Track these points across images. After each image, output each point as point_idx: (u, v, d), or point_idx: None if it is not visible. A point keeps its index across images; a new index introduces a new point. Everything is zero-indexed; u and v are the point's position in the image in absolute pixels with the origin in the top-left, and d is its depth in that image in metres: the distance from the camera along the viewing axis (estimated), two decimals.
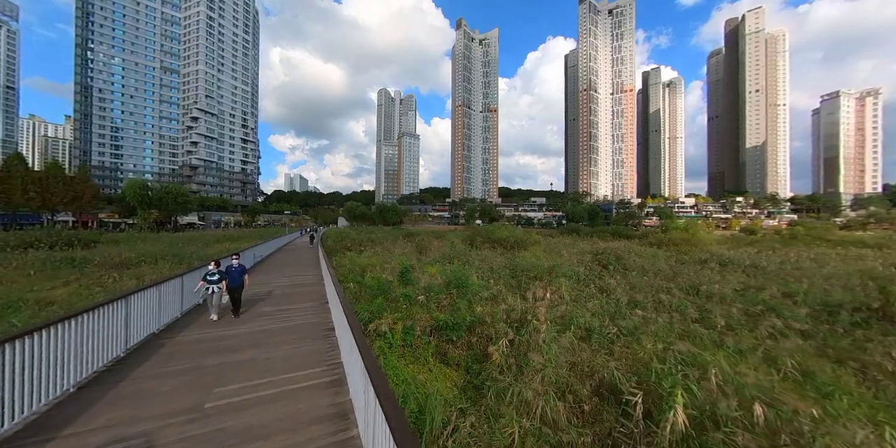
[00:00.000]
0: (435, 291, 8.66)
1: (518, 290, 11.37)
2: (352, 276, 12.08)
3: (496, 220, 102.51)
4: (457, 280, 8.89)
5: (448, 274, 9.73)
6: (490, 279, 13.40)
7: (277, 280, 10.69)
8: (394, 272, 13.25)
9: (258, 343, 5.57)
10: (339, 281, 11.04)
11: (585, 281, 13.32)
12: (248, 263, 13.49)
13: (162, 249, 20.76)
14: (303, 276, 11.56)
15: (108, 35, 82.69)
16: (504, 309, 8.36)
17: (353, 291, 9.77)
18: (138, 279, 12.48)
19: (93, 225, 60.48)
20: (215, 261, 7.50)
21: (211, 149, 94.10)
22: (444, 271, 11.38)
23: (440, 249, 29.75)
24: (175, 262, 16.11)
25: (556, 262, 15.03)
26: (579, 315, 7.56)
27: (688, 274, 15.77)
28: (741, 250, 30.15)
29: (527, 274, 12.77)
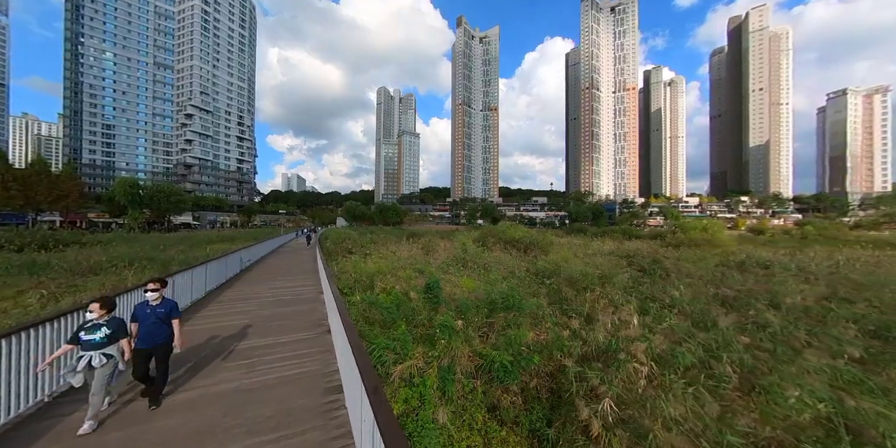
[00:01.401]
0: (471, 312, 6.54)
1: (563, 304, 9.24)
2: (358, 285, 9.92)
3: (498, 219, 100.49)
4: (504, 298, 6.72)
5: (489, 289, 7.55)
6: (519, 288, 11.28)
7: (263, 294, 8.48)
8: (407, 281, 11.09)
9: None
10: (343, 292, 8.91)
11: (633, 291, 11.22)
12: (234, 270, 11.31)
13: (142, 252, 18.54)
14: (296, 288, 9.37)
15: (98, 29, 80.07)
16: (566, 334, 6.23)
17: (359, 309, 7.63)
18: (101, 287, 10.31)
19: (81, 225, 58.04)
20: (102, 299, 3.54)
21: (206, 147, 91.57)
22: (483, 285, 9.14)
23: (448, 251, 27.67)
24: (150, 266, 13.89)
25: (606, 270, 12.81)
26: (683, 350, 5.43)
27: (741, 280, 13.70)
28: (760, 251, 28.20)
29: (575, 285, 10.59)
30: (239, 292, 8.60)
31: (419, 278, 12.93)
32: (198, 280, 7.76)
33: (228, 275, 10.46)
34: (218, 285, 9.26)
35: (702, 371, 5.33)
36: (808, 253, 27.02)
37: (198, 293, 7.78)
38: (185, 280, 6.95)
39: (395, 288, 9.56)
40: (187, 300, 7.01)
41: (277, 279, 10.68)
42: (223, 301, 7.66)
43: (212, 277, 8.81)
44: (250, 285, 9.65)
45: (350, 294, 9.33)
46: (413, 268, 17.75)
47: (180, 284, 6.67)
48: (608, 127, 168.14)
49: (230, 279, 10.42)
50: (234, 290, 8.92)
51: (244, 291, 8.75)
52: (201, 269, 7.98)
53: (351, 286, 9.98)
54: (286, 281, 10.44)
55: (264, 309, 7.07)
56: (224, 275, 9.95)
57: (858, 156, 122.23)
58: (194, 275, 7.56)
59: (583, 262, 17.03)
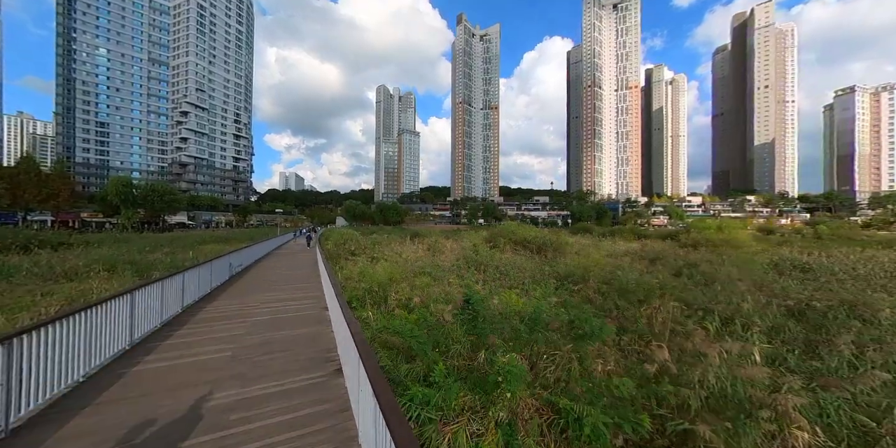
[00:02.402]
0: (523, 339, 4.95)
1: (618, 322, 7.62)
2: (369, 296, 8.33)
3: (499, 219, 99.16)
4: (575, 321, 5.08)
5: (539, 306, 5.92)
6: (548, 298, 9.69)
7: (254, 310, 6.81)
8: (424, 290, 9.50)
9: None
10: (350, 306, 7.32)
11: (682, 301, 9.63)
12: (222, 277, 9.68)
13: (126, 254, 16.91)
14: (295, 301, 7.73)
15: (91, 24, 78.10)
16: (651, 369, 4.63)
17: (374, 330, 6.03)
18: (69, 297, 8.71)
19: (74, 225, 56.35)
20: None
21: (202, 145, 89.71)
22: (532, 301, 7.46)
23: (454, 251, 26.13)
24: (130, 272, 12.27)
25: (663, 278, 11.12)
26: (836, 401, 3.85)
27: (799, 287, 12.13)
28: (780, 251, 26.68)
29: (628, 296, 8.96)
30: (224, 308, 6.97)
31: (436, 285, 11.35)
32: (171, 295, 6.15)
33: (214, 284, 8.85)
34: (199, 298, 7.65)
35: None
36: (835, 253, 25.53)
37: (171, 311, 6.17)
38: (151, 297, 5.34)
39: (415, 300, 7.96)
40: (152, 323, 5.39)
41: (272, 289, 9.05)
42: (201, 321, 6.05)
43: (192, 289, 7.21)
44: (239, 298, 8.02)
45: (359, 308, 7.73)
46: (423, 271, 16.17)
47: (143, 303, 5.07)
48: (610, 125, 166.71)
49: (216, 289, 8.79)
50: (219, 304, 7.29)
51: (230, 307, 7.12)
52: (176, 280, 6.36)
53: (360, 297, 8.37)
54: (283, 291, 8.82)
55: (253, 333, 5.45)
56: (208, 284, 8.34)
57: (866, 154, 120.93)
58: (166, 289, 5.95)
59: (610, 264, 15.45)
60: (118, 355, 4.39)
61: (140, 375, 3.90)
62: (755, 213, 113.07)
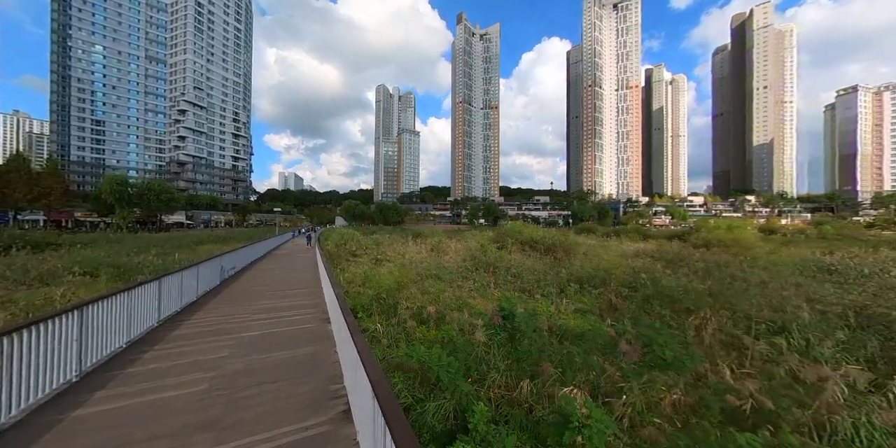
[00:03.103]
0: (575, 364, 3.96)
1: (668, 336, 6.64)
2: (376, 305, 7.34)
3: (500, 219, 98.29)
4: (652, 343, 4.07)
5: (597, 327, 4.87)
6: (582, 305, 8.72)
7: (243, 323, 5.79)
8: (437, 298, 8.51)
9: None
10: (357, 315, 6.35)
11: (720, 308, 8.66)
12: (212, 282, 8.68)
13: (113, 256, 15.87)
14: (292, 311, 6.72)
15: (87, 21, 76.84)
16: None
17: (383, 347, 5.04)
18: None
19: (67, 224, 55.15)
20: None
21: (200, 144, 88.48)
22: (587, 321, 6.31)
23: (459, 252, 25.17)
24: (111, 275, 11.25)
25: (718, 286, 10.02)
26: None
27: (837, 292, 11.19)
28: (790, 251, 25.84)
29: (674, 304, 7.95)
30: (209, 320, 5.96)
31: (449, 290, 10.36)
32: (144, 305, 5.15)
33: (202, 289, 7.84)
34: (182, 307, 6.64)
35: None
36: (850, 254, 24.69)
37: (144, 325, 5.17)
38: (113, 310, 4.33)
39: (429, 309, 6.96)
40: (113, 344, 4.39)
41: (266, 296, 8.03)
42: (178, 339, 5.04)
43: (172, 296, 6.21)
44: (229, 306, 7.01)
45: (365, 318, 6.73)
46: (430, 274, 15.18)
47: (101, 320, 4.07)
48: (611, 125, 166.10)
49: (203, 296, 7.78)
50: (204, 315, 6.28)
51: (216, 319, 6.11)
52: (150, 288, 5.36)
53: (366, 305, 7.37)
54: (279, 298, 7.80)
55: (239, 355, 4.44)
56: (194, 291, 7.34)
57: (868, 154, 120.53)
58: (137, 299, 4.95)
59: (629, 266, 14.48)
60: (59, 391, 3.39)
61: (76, 426, 2.90)
62: (755, 213, 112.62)
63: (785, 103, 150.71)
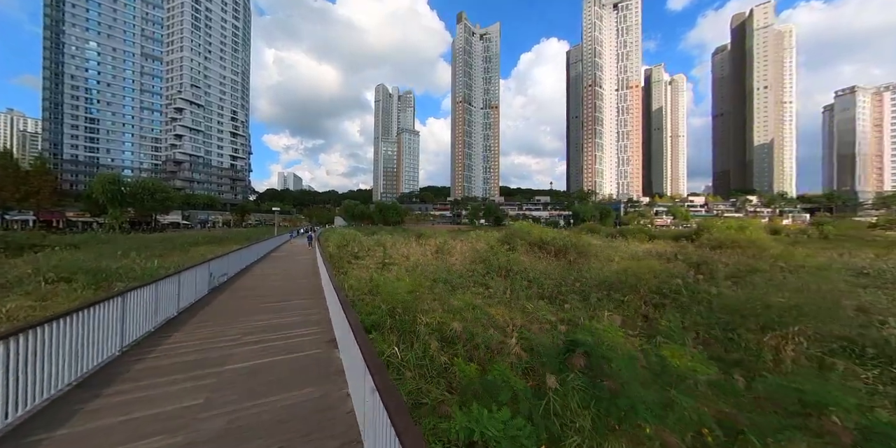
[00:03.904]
0: (685, 420, 2.88)
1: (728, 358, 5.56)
2: (391, 322, 6.22)
3: (501, 219, 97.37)
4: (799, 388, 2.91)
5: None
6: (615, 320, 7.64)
7: (228, 352, 4.62)
8: (462, 314, 7.39)
9: None
10: (368, 332, 5.24)
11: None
12: (197, 293, 7.56)
13: (95, 260, 14.69)
14: (291, 332, 5.54)
15: (81, 16, 75.32)
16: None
17: (407, 382, 3.94)
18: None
19: (58, 224, 53.68)
20: None
21: (197, 143, 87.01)
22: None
23: (465, 254, 24.10)
24: (85, 283, 10.07)
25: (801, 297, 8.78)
26: None
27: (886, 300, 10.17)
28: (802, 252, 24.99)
29: (746, 319, 6.79)
30: (186, 347, 4.81)
31: (470, 300, 9.25)
32: (101, 329, 4.02)
33: (185, 302, 6.70)
34: (157, 326, 5.51)
35: None
36: (868, 255, 23.83)
37: (100, 355, 4.04)
38: (57, 339, 3.21)
39: (454, 327, 5.85)
40: (53, 387, 3.25)
41: (261, 309, 6.89)
42: (141, 376, 3.89)
43: (145, 313, 5.08)
44: (214, 324, 5.87)
45: (379, 339, 5.60)
46: (439, 278, 14.07)
47: (34, 354, 2.94)
48: (611, 125, 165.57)
49: (187, 310, 6.64)
50: (181, 338, 5.13)
51: (196, 342, 4.96)
52: (108, 307, 4.22)
53: (378, 323, 6.24)
54: (275, 313, 6.66)
55: (220, 404, 3.29)
56: (174, 304, 6.20)
57: (868, 154, 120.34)
58: (89, 322, 3.82)
59: (656, 270, 13.40)
60: None
61: None
62: (756, 214, 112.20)
63: (784, 103, 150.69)
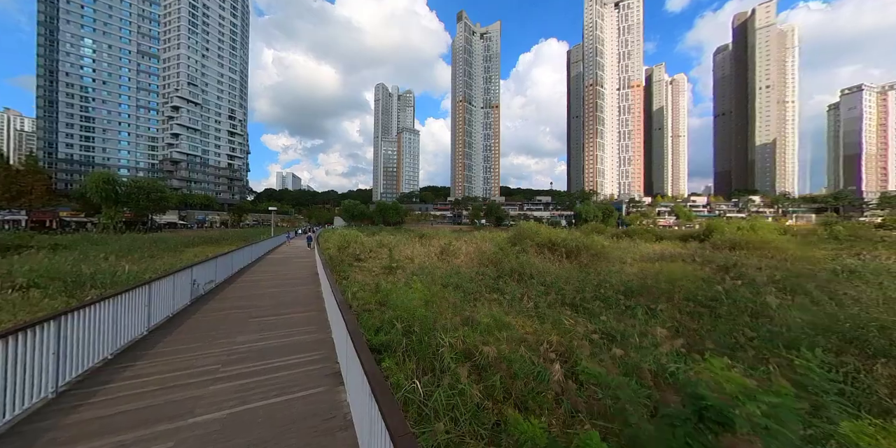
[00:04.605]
0: None
1: None
2: (409, 340, 5.11)
3: (502, 219, 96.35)
4: None
5: None
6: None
7: (198, 398, 3.44)
8: (502, 332, 6.29)
9: None
10: (379, 358, 4.14)
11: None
12: (180, 302, 6.45)
13: (72, 263, 13.56)
14: (279, 363, 4.36)
15: (76, 13, 74.01)
16: None
17: (440, 437, 2.84)
18: None
19: (51, 224, 52.46)
20: None
21: (194, 141, 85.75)
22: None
23: (471, 255, 23.03)
24: (57, 290, 8.95)
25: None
26: None
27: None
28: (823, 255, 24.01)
29: (847, 345, 5.65)
30: (145, 382, 3.69)
31: (475, 302, 8.14)
32: (27, 366, 2.92)
33: (158, 317, 5.58)
34: (116, 352, 4.39)
35: None
36: (887, 256, 22.86)
37: (25, 401, 2.93)
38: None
39: (486, 351, 4.75)
40: None
41: (249, 327, 5.75)
42: (71, 439, 2.78)
43: (99, 336, 3.98)
44: (186, 351, 4.73)
45: (395, 368, 4.49)
46: (448, 282, 12.98)
47: None
48: (612, 125, 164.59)
49: (159, 327, 5.52)
50: (143, 369, 4.01)
51: (159, 378, 3.84)
52: (37, 336, 3.12)
53: (391, 344, 5.12)
54: (266, 331, 5.53)
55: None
56: (142, 321, 5.08)
57: (873, 154, 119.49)
58: (22, 347, 2.72)
59: (690, 274, 12.30)
60: None
61: None
62: (760, 214, 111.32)
63: (787, 103, 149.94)
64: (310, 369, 4.07)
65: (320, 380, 3.81)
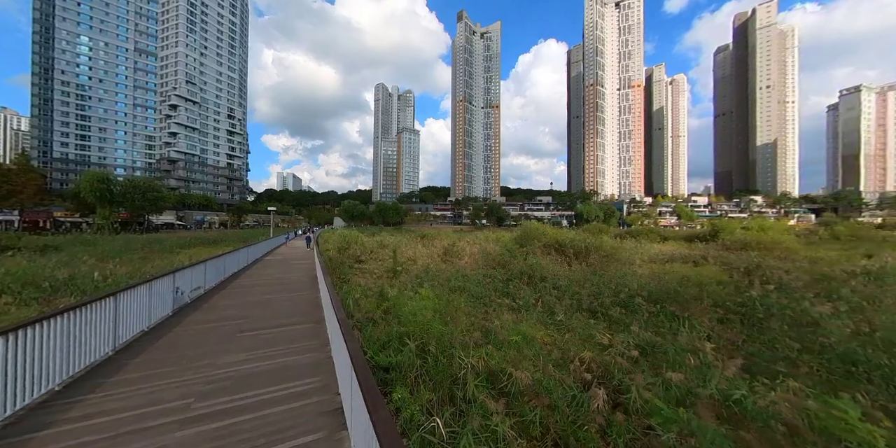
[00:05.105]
0: None
1: None
2: (424, 361, 4.33)
3: (503, 219, 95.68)
4: None
5: None
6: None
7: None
8: (534, 361, 5.51)
9: None
10: (392, 397, 3.35)
11: None
12: (164, 310, 5.66)
13: (66, 265, 12.78)
14: (268, 397, 3.60)
15: (72, 10, 73.05)
16: None
17: None
18: None
19: (45, 225, 51.51)
20: None
21: (192, 140, 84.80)
22: None
23: (474, 256, 22.30)
24: (23, 300, 8.14)
25: None
26: None
27: None
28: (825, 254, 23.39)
29: None
30: (99, 418, 2.89)
31: (486, 309, 7.35)
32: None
33: (127, 335, 4.79)
34: (66, 382, 3.59)
35: None
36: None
37: None
38: None
39: (516, 375, 3.97)
40: None
41: (235, 345, 4.92)
42: None
43: (66, 351, 3.20)
44: (156, 378, 3.90)
45: (409, 400, 3.71)
46: (455, 285, 12.21)
47: None
48: (613, 125, 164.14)
49: (125, 348, 4.72)
50: (87, 409, 3.17)
51: (107, 423, 3.03)
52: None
53: (399, 366, 4.34)
54: (254, 352, 4.70)
55: None
56: (108, 340, 4.29)
57: (872, 154, 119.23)
58: None
59: (715, 278, 11.54)
60: None
61: None
62: (761, 214, 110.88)
63: (787, 103, 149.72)
64: (305, 404, 3.28)
65: (317, 420, 3.02)
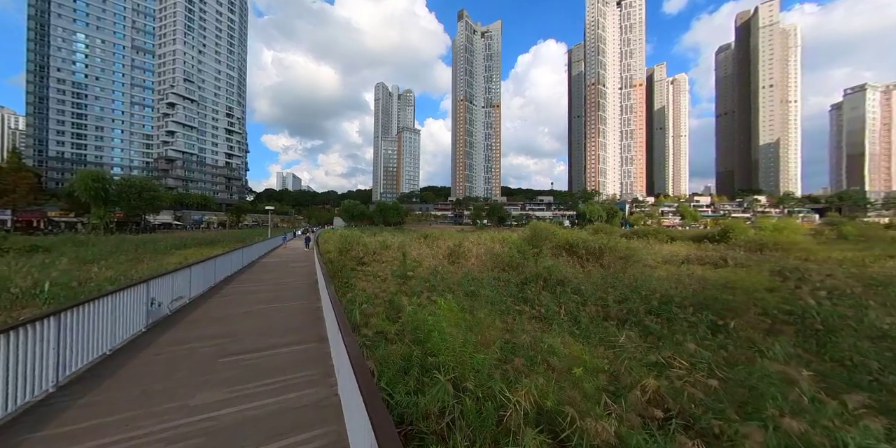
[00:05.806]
0: None
1: None
2: (462, 403, 3.33)
3: (505, 219, 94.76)
4: None
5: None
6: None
7: None
8: (586, 390, 4.53)
9: None
10: (419, 435, 2.41)
11: None
12: (138, 324, 4.66)
13: (25, 270, 11.77)
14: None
15: (68, 7, 71.95)
16: None
17: None
18: None
19: (39, 224, 50.49)
20: None
21: (190, 139, 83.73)
22: None
23: (481, 257, 21.32)
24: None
25: None
26: None
27: None
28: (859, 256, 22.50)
29: None
30: None
31: (504, 317, 6.35)
32: None
33: (78, 363, 3.79)
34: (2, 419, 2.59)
35: None
36: None
37: None
38: None
39: (569, 411, 3.00)
40: None
41: (216, 377, 3.87)
42: None
43: None
44: (110, 423, 2.91)
45: None
46: (467, 290, 11.25)
47: None
48: (614, 124, 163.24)
49: (82, 372, 3.72)
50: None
51: None
52: None
53: (427, 410, 3.36)
54: (240, 387, 3.66)
55: None
56: (48, 373, 3.31)
57: (877, 153, 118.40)
58: None
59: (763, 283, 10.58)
60: None
61: None
62: (764, 214, 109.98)
63: (790, 102, 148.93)
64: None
65: None
